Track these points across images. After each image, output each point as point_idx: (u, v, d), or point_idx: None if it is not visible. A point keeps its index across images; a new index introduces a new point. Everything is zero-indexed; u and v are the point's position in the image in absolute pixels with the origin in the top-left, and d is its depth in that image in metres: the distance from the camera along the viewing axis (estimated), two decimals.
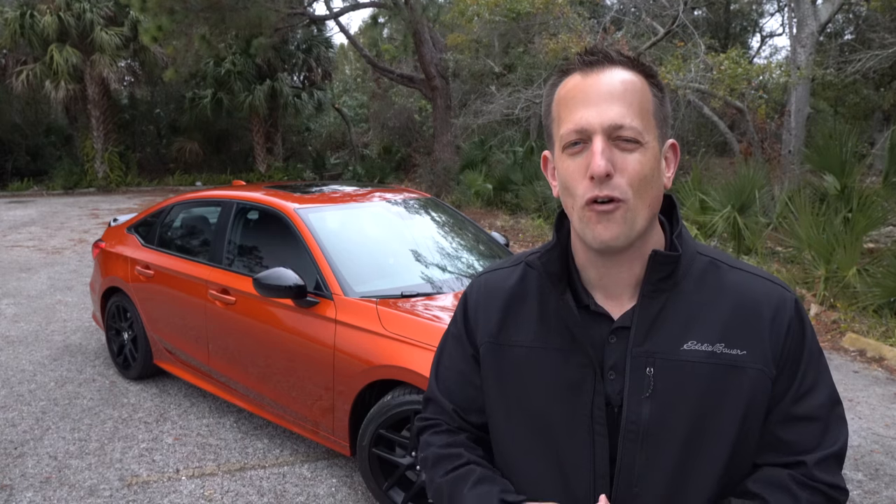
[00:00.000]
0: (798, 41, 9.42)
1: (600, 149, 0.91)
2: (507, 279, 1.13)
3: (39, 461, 3.50)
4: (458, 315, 1.18)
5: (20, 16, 17.53)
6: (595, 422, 1.00)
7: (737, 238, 7.28)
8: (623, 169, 0.92)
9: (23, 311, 6.40)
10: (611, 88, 0.93)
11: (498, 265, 1.19)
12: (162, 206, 4.70)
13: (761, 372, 0.97)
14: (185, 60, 15.15)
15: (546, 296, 1.07)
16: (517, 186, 12.48)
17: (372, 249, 3.80)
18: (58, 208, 15.40)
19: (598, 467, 1.00)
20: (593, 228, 0.94)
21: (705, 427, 0.97)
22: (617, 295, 1.02)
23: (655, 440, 0.97)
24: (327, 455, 3.56)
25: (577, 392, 1.01)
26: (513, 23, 11.88)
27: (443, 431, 1.16)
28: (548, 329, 1.05)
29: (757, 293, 1.01)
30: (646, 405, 0.97)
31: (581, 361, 1.01)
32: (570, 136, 0.94)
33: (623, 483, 0.99)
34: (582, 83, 0.95)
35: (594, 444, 1.00)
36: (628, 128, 0.92)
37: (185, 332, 4.06)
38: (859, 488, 3.23)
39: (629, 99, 0.93)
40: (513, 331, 1.08)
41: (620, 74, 0.95)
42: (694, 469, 0.98)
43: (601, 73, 0.95)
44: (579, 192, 0.94)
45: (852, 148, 7.04)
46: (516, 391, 1.07)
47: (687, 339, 0.98)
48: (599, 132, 0.92)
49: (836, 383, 4.70)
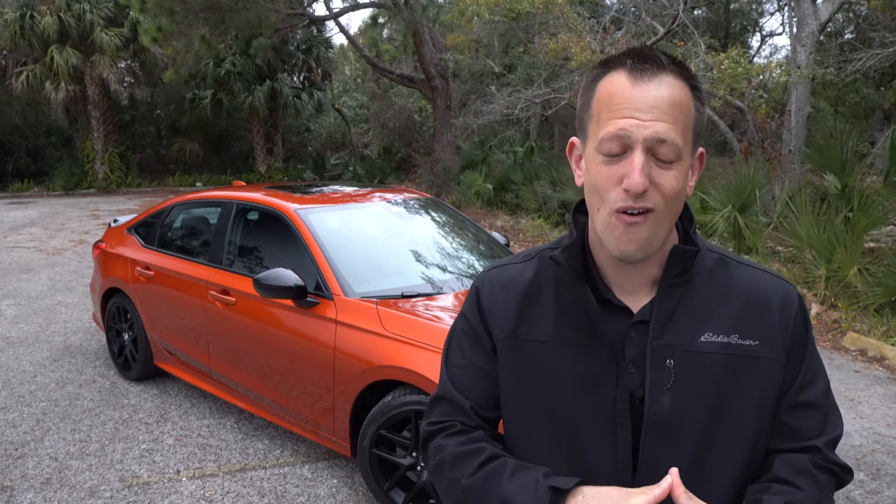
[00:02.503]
0: (798, 40, 9.41)
1: (640, 165, 0.90)
2: (522, 274, 1.12)
3: (40, 462, 3.50)
4: (469, 311, 1.15)
5: (20, 17, 17.53)
6: (618, 415, 1.01)
7: (737, 238, 7.27)
8: (658, 184, 0.92)
9: (23, 312, 6.40)
10: (659, 102, 0.91)
11: (507, 260, 1.17)
12: (162, 206, 4.70)
13: (773, 361, 1.02)
14: (184, 61, 15.16)
15: (563, 290, 1.07)
16: (517, 186, 12.48)
17: (372, 250, 3.80)
18: (58, 209, 15.40)
19: (621, 460, 1.01)
20: (618, 238, 0.94)
21: (722, 416, 1.00)
22: (633, 291, 1.04)
23: (676, 431, 1.00)
24: (328, 456, 3.56)
25: (598, 386, 1.02)
26: (512, 23, 11.89)
27: (456, 432, 1.12)
28: (565, 324, 1.05)
29: (765, 287, 1.05)
30: (667, 397, 0.99)
31: (601, 355, 1.02)
32: (611, 141, 0.92)
33: (645, 474, 1.00)
34: (630, 90, 0.92)
35: (616, 437, 1.01)
36: (670, 144, 0.91)
37: (185, 333, 4.06)
38: (861, 488, 3.23)
39: (675, 115, 0.92)
40: (529, 326, 1.08)
41: (669, 85, 0.92)
42: (712, 457, 1.01)
43: (651, 81, 0.92)
44: (610, 199, 0.93)
45: (853, 147, 7.04)
46: (534, 386, 1.07)
47: (703, 332, 1.01)
48: (641, 145, 0.91)
49: (838, 383, 4.70)
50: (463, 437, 1.11)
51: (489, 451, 1.07)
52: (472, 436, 1.11)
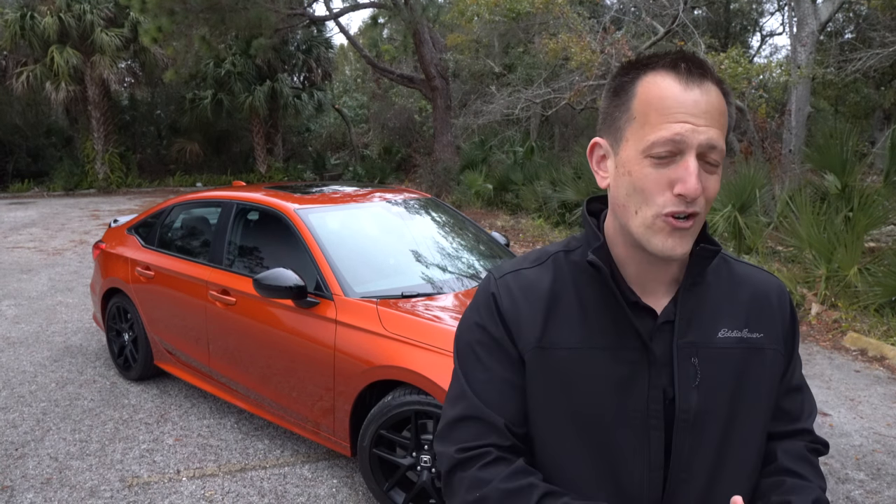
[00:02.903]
0: (798, 40, 9.41)
1: (696, 170, 0.91)
2: (540, 279, 1.07)
3: (40, 462, 3.50)
4: (489, 320, 1.07)
5: (20, 17, 17.55)
6: (651, 415, 1.01)
7: (738, 237, 7.27)
8: (706, 188, 0.94)
9: (23, 313, 6.40)
10: (710, 108, 0.92)
11: (517, 264, 1.12)
12: (162, 206, 4.70)
13: (776, 351, 1.08)
14: (185, 61, 15.17)
15: (584, 293, 1.05)
16: (517, 186, 12.48)
17: (372, 250, 3.80)
18: (58, 209, 15.41)
19: (653, 460, 1.02)
20: (664, 240, 0.95)
21: (739, 408, 1.04)
22: (653, 291, 1.05)
23: (702, 426, 1.02)
24: (328, 456, 3.56)
25: (630, 387, 1.01)
26: (513, 23, 11.89)
27: (493, 461, 1.02)
28: (591, 328, 1.03)
29: (763, 282, 1.12)
30: (694, 394, 1.02)
31: (629, 357, 1.01)
32: (664, 145, 0.92)
33: (676, 472, 1.02)
34: (682, 94, 0.92)
35: (649, 438, 1.01)
36: (719, 151, 0.93)
37: (185, 333, 4.06)
38: (861, 488, 3.23)
39: (721, 121, 0.94)
40: (555, 333, 1.04)
41: (714, 92, 0.94)
42: (733, 448, 1.05)
43: (700, 86, 0.93)
44: (658, 202, 0.93)
45: (853, 147, 7.04)
46: (564, 394, 1.04)
47: (720, 328, 1.05)
48: (695, 151, 0.92)
49: (838, 383, 4.70)
50: (506, 470, 1.01)
51: (542, 489, 0.99)
52: (515, 467, 1.02)
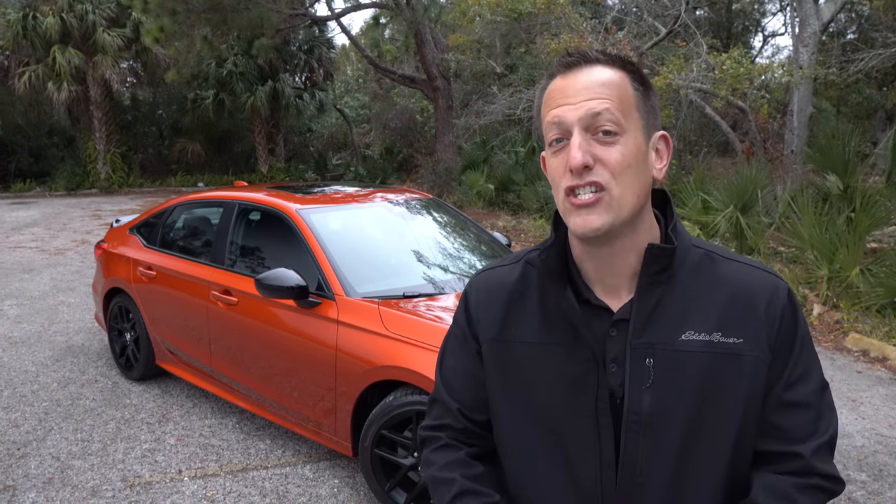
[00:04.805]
0: (800, 41, 9.40)
1: (578, 142, 0.94)
2: (507, 277, 1.14)
3: (42, 462, 3.50)
4: (459, 315, 1.19)
5: (23, 17, 17.56)
6: (600, 414, 1.02)
7: (739, 238, 7.26)
8: (605, 160, 0.95)
9: (25, 312, 6.41)
10: (587, 84, 0.97)
11: (496, 263, 1.20)
12: (164, 206, 4.71)
13: (758, 359, 1.00)
14: (186, 61, 15.16)
15: (546, 292, 1.09)
16: (519, 187, 12.47)
17: (374, 250, 3.80)
18: (60, 209, 15.42)
19: (604, 456, 1.02)
20: (574, 220, 0.97)
21: (706, 415, 1.00)
22: (615, 288, 1.05)
23: (657, 429, 1.00)
24: (329, 456, 3.56)
25: (582, 385, 1.03)
26: (514, 23, 11.87)
27: (441, 447, 1.17)
28: (549, 325, 1.07)
29: (751, 282, 1.03)
30: (646, 395, 1.00)
31: (584, 356, 1.03)
32: (551, 131, 0.98)
33: (627, 471, 1.01)
34: (561, 83, 0.99)
35: (599, 436, 1.02)
36: (606, 119, 0.95)
37: (187, 333, 4.07)
38: (863, 489, 3.22)
39: (606, 93, 0.96)
40: (515, 328, 1.10)
41: (599, 71, 0.98)
42: (698, 456, 1.01)
43: (579, 72, 0.98)
44: (562, 185, 0.98)
45: (855, 147, 7.03)
46: (520, 387, 1.09)
47: (684, 330, 1.00)
48: (577, 126, 0.95)
49: (840, 384, 4.69)
50: (445, 459, 1.15)
51: (459, 487, 1.10)
52: (452, 458, 1.15)
